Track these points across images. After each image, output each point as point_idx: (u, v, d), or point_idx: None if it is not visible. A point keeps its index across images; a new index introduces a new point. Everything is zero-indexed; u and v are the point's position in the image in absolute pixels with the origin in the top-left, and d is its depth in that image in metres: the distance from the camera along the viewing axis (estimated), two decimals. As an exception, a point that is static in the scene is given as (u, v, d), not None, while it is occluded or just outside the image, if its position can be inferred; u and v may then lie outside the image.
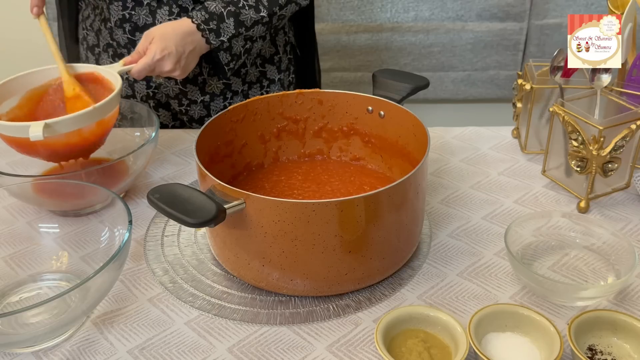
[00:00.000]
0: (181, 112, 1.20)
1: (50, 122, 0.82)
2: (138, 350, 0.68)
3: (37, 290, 0.77)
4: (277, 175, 0.92)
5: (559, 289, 0.71)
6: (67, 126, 0.84)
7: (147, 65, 0.97)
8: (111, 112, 0.90)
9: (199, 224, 0.64)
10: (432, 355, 0.64)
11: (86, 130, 0.87)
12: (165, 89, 1.17)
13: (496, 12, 2.01)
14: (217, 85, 1.17)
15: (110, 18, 1.11)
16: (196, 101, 1.18)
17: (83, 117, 0.85)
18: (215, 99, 1.18)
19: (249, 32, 1.04)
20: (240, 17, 1.02)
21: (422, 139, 0.80)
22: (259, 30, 1.05)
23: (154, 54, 0.97)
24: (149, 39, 0.99)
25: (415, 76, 0.91)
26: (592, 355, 0.64)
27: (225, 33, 1.01)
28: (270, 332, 0.70)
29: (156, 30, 0.99)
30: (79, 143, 0.88)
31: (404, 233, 0.75)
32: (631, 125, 0.85)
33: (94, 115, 0.86)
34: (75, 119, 0.84)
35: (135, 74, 0.98)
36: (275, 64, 1.21)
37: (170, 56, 0.98)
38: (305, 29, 1.29)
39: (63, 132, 0.84)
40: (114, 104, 0.90)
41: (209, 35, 1.00)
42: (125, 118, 1.03)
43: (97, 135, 0.90)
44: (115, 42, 1.12)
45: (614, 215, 0.89)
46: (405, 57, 2.09)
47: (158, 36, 0.98)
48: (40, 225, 0.86)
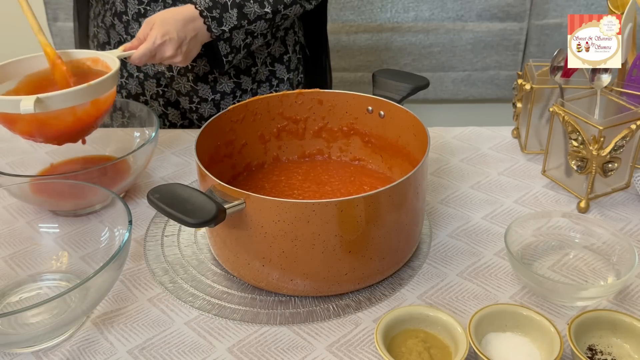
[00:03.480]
0: (191, 110, 1.20)
1: (42, 97, 0.80)
2: (138, 350, 0.68)
3: (37, 290, 0.77)
4: (277, 176, 0.92)
5: (559, 289, 0.71)
6: (60, 102, 0.82)
7: (147, 50, 0.97)
8: (107, 93, 0.89)
9: (199, 224, 0.64)
10: (432, 355, 0.64)
11: (80, 110, 0.85)
12: (177, 86, 1.17)
13: (496, 12, 2.01)
14: (227, 84, 1.17)
15: (127, 11, 1.11)
16: (207, 99, 1.18)
17: (77, 93, 0.83)
18: (226, 97, 1.19)
19: (250, 26, 1.04)
20: (244, 10, 1.02)
21: (422, 139, 0.80)
22: (261, 26, 1.05)
23: (154, 39, 0.96)
24: (150, 25, 0.98)
25: (415, 76, 0.91)
26: (592, 355, 0.64)
27: (227, 23, 1.01)
28: (270, 332, 0.70)
29: (157, 16, 0.99)
30: (73, 123, 0.86)
31: (404, 233, 0.75)
32: (631, 125, 0.85)
33: (88, 93, 0.84)
34: (68, 95, 0.82)
35: (135, 59, 0.98)
36: (285, 64, 1.22)
37: (171, 42, 0.97)
38: (315, 29, 1.29)
39: (55, 108, 0.82)
40: (110, 84, 0.88)
41: (210, 23, 1.00)
42: (126, 118, 1.03)
43: (92, 116, 0.88)
44: (130, 36, 1.13)
45: (614, 215, 0.89)
46: (405, 57, 2.09)
47: (159, 22, 0.98)
48: (40, 225, 0.86)
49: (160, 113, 1.21)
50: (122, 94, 1.22)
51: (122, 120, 1.03)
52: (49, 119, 0.84)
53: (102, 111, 0.90)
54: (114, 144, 1.03)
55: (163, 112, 1.21)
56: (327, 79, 1.35)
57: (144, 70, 1.17)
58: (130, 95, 1.21)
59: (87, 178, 0.84)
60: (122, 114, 1.03)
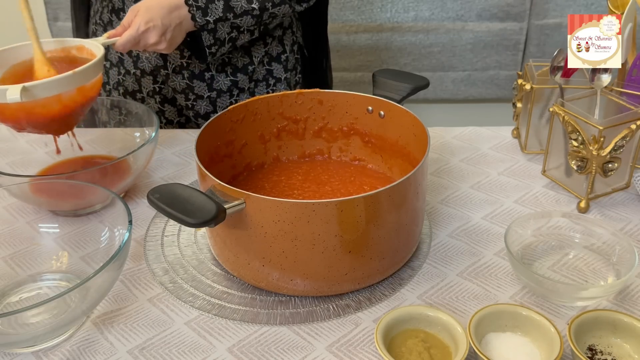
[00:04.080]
0: (187, 107, 1.20)
1: (28, 86, 0.80)
2: (138, 350, 0.68)
3: (37, 290, 0.77)
4: (277, 176, 0.92)
5: (559, 289, 0.71)
6: (46, 90, 0.83)
7: (131, 37, 0.97)
8: (92, 80, 0.89)
9: (199, 224, 0.64)
10: (432, 355, 0.64)
11: (66, 97, 0.86)
12: (172, 83, 1.17)
13: (496, 12, 2.01)
14: (224, 82, 1.17)
15: (124, 7, 1.11)
16: (202, 96, 1.18)
17: (62, 81, 0.84)
18: (222, 95, 1.19)
19: (236, 20, 1.04)
20: (231, 3, 1.03)
21: (422, 139, 0.80)
22: (247, 21, 1.05)
23: (138, 26, 0.97)
24: (135, 12, 0.99)
25: (415, 76, 0.91)
26: (592, 355, 0.64)
27: (212, 14, 1.01)
28: (270, 332, 0.70)
29: (142, 3, 0.99)
30: (60, 110, 0.87)
31: (404, 233, 0.75)
32: (631, 125, 0.85)
33: (74, 80, 0.85)
34: (54, 82, 0.83)
35: (119, 46, 0.98)
36: (282, 63, 1.22)
37: (155, 28, 0.98)
38: (315, 29, 1.29)
39: (42, 96, 0.82)
40: (95, 71, 0.89)
41: (195, 12, 1.00)
42: (123, 115, 1.03)
43: (78, 103, 0.89)
44: None
45: (614, 215, 0.89)
46: (405, 57, 2.09)
47: (143, 9, 0.98)
48: (40, 225, 0.86)
49: (157, 110, 1.21)
50: (119, 91, 1.22)
51: (119, 117, 1.03)
52: (36, 107, 0.85)
53: (88, 98, 0.90)
54: (114, 144, 1.03)
55: (160, 109, 1.21)
56: (327, 79, 1.35)
57: (141, 67, 1.17)
58: (127, 92, 1.21)
59: (87, 178, 0.84)
60: (119, 112, 1.03)
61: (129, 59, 1.17)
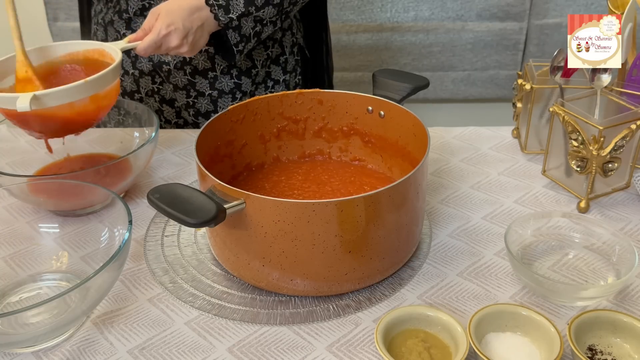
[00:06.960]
0: (187, 106, 1.19)
1: (39, 94, 0.79)
2: (138, 350, 0.68)
3: (37, 290, 0.77)
4: (277, 176, 0.92)
5: (559, 289, 0.71)
6: (57, 99, 0.82)
7: (152, 41, 0.96)
8: (107, 87, 0.88)
9: (199, 224, 0.64)
10: (432, 355, 0.64)
11: (79, 105, 0.85)
12: (173, 80, 1.16)
13: (496, 12, 2.01)
14: (228, 83, 1.17)
15: (128, 9, 1.11)
16: (204, 94, 1.17)
17: (73, 90, 0.82)
18: (224, 96, 1.18)
19: (259, 13, 1.02)
20: None
21: (422, 139, 0.80)
22: (270, 12, 1.03)
23: (159, 30, 0.96)
24: (155, 15, 0.97)
25: (415, 76, 0.91)
26: (592, 355, 0.64)
27: (234, 10, 0.99)
28: (270, 332, 0.70)
29: (163, 6, 0.98)
30: (73, 117, 0.86)
31: (404, 233, 0.75)
32: (631, 125, 0.85)
33: (86, 89, 0.84)
34: (65, 92, 0.82)
35: (141, 51, 0.97)
36: (281, 65, 1.21)
37: (176, 32, 0.96)
38: (315, 30, 1.29)
39: (52, 105, 0.82)
40: (109, 78, 0.87)
41: (217, 11, 0.99)
42: (121, 116, 1.03)
43: (92, 111, 0.88)
44: (131, 31, 1.12)
45: (614, 215, 0.89)
46: (405, 57, 2.09)
47: (164, 12, 0.97)
48: (40, 225, 0.86)
49: (155, 110, 1.21)
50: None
51: (118, 117, 1.03)
52: (47, 115, 0.84)
53: (103, 106, 0.89)
54: (113, 143, 1.03)
55: (158, 108, 1.21)
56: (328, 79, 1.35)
57: (139, 67, 1.17)
58: (125, 92, 1.21)
59: (87, 178, 0.84)
60: (117, 112, 1.03)
61: (128, 59, 1.17)
